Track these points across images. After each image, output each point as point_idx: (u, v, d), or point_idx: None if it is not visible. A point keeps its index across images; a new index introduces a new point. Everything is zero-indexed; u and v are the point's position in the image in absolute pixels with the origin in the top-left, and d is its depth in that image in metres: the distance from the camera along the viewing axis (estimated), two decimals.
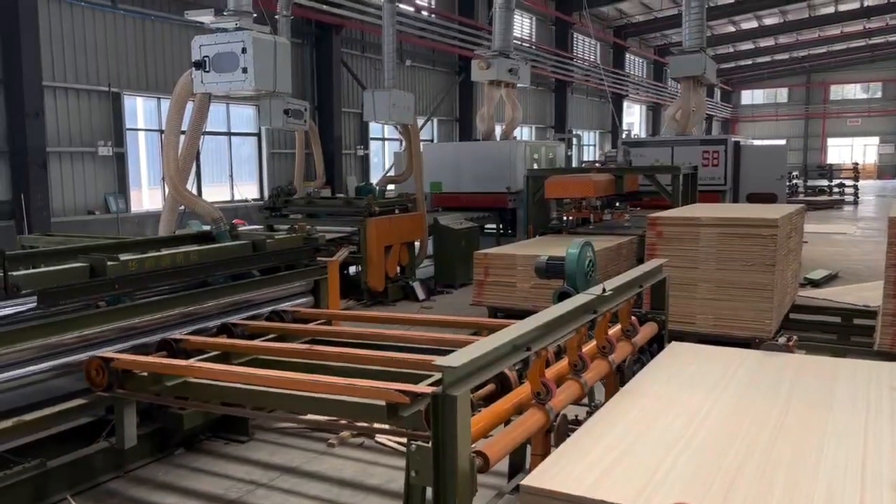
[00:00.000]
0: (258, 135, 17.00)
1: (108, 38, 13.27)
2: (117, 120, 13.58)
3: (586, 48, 31.87)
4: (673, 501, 1.95)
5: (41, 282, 4.00)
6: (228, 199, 16.09)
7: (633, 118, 39.36)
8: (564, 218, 10.03)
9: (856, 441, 2.42)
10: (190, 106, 6.39)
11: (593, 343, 3.26)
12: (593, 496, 2.02)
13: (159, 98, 14.32)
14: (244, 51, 6.00)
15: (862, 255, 13.15)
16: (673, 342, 3.82)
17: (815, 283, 10.26)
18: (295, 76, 11.72)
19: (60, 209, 12.55)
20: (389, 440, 4.76)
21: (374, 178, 17.41)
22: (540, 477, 2.16)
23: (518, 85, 14.23)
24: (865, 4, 33.30)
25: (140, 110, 14.53)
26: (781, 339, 3.63)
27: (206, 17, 6.37)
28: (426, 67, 22.11)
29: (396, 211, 10.12)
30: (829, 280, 10.64)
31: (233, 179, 16.42)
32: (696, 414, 2.67)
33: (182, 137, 6.39)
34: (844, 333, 7.14)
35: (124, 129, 13.79)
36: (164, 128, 7.30)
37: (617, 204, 11.25)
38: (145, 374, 3.98)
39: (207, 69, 6.11)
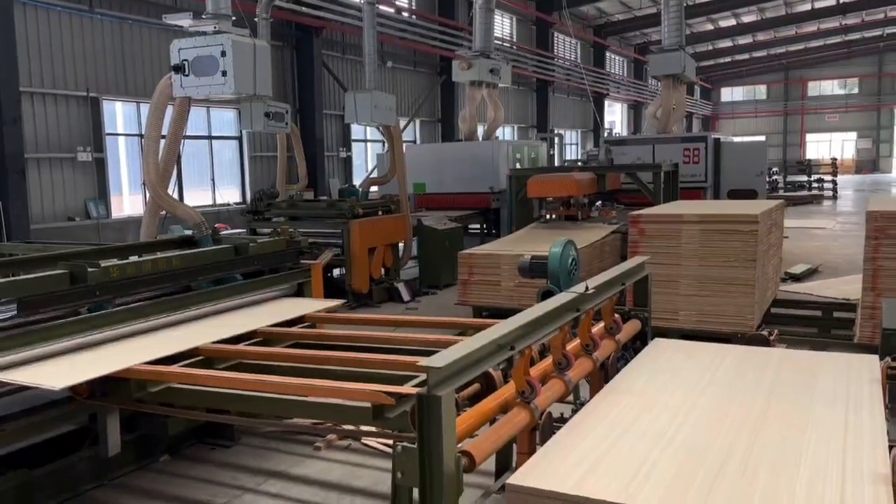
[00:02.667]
0: (239, 138, 16.91)
1: (85, 42, 13.15)
2: (96, 125, 13.45)
3: (567, 47, 32.01)
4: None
5: (21, 290, 3.95)
6: (210, 203, 16.00)
7: (615, 117, 39.56)
8: (550, 216, 10.07)
9: (837, 434, 2.45)
10: (170, 110, 6.35)
11: (577, 341, 3.28)
12: (579, 493, 2.04)
13: (139, 103, 14.21)
14: (223, 54, 5.98)
15: (841, 248, 13.30)
16: (656, 338, 3.84)
17: (795, 278, 10.37)
18: (275, 79, 11.68)
19: (40, 216, 12.41)
20: (376, 442, 4.76)
21: (358, 180, 17.37)
22: (526, 475, 2.17)
23: (499, 85, 14.26)
24: (841, 1, 33.67)
25: (119, 115, 14.41)
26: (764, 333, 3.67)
27: (185, 21, 6.34)
28: (407, 69, 22.10)
29: (380, 213, 10.12)
30: (810, 274, 10.75)
31: (214, 183, 16.33)
32: (679, 410, 2.69)
33: (162, 142, 6.36)
34: (825, 327, 7.22)
35: (104, 134, 13.67)
36: (144, 132, 7.24)
37: (599, 202, 11.33)
38: (128, 381, 3.95)
39: (187, 73, 6.08)
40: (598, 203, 11.68)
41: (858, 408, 2.69)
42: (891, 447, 2.29)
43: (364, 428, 3.54)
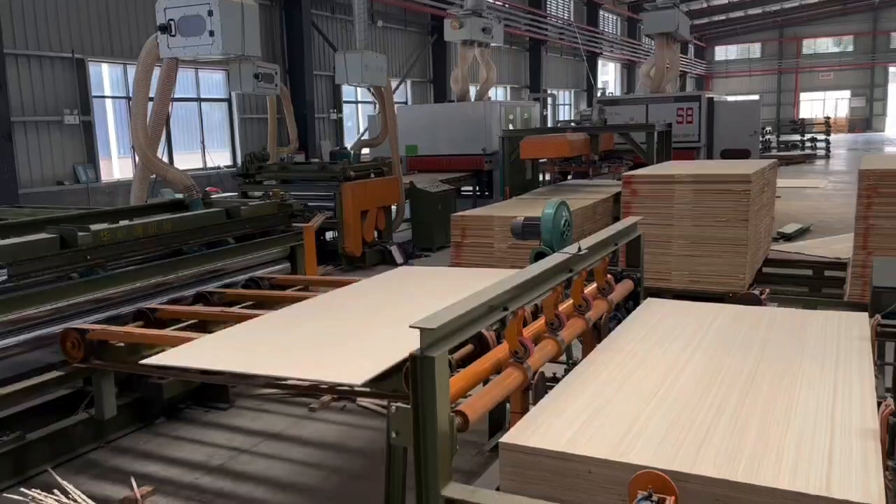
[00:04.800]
0: (229, 100, 16.70)
1: (69, 2, 12.88)
2: (83, 87, 13.24)
3: (560, 6, 31.55)
4: (646, 460, 1.97)
5: (11, 254, 3.93)
6: (201, 166, 15.86)
7: (608, 76, 39.20)
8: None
9: (826, 390, 2.47)
10: (157, 72, 6.26)
11: (570, 301, 3.29)
12: (572, 451, 2.06)
13: (125, 64, 13.98)
14: (210, 13, 5.86)
15: (833, 208, 13.33)
16: (648, 298, 3.86)
17: (787, 237, 10.40)
18: (264, 39, 11.51)
19: (28, 180, 12.29)
20: (370, 403, 4.79)
21: (349, 143, 17.22)
22: (519, 434, 2.19)
23: (492, 44, 14.11)
24: None
25: (106, 77, 14.18)
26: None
27: None
28: (398, 28, 21.77)
29: (372, 175, 10.05)
30: (802, 234, 10.79)
31: (204, 146, 16.17)
32: (671, 368, 2.71)
33: (150, 104, 6.27)
34: (816, 285, 7.26)
35: (90, 96, 13.47)
36: (131, 95, 7.14)
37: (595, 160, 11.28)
38: (122, 344, 3.95)
39: (173, 33, 5.97)
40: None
41: (848, 364, 2.71)
42: (879, 403, 2.32)
43: (359, 389, 3.54)
